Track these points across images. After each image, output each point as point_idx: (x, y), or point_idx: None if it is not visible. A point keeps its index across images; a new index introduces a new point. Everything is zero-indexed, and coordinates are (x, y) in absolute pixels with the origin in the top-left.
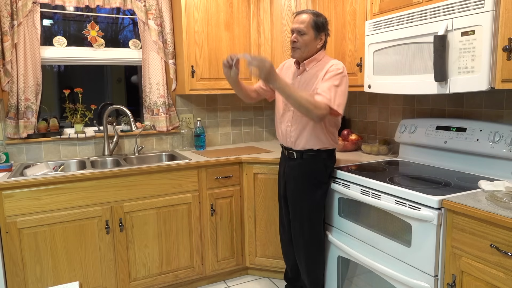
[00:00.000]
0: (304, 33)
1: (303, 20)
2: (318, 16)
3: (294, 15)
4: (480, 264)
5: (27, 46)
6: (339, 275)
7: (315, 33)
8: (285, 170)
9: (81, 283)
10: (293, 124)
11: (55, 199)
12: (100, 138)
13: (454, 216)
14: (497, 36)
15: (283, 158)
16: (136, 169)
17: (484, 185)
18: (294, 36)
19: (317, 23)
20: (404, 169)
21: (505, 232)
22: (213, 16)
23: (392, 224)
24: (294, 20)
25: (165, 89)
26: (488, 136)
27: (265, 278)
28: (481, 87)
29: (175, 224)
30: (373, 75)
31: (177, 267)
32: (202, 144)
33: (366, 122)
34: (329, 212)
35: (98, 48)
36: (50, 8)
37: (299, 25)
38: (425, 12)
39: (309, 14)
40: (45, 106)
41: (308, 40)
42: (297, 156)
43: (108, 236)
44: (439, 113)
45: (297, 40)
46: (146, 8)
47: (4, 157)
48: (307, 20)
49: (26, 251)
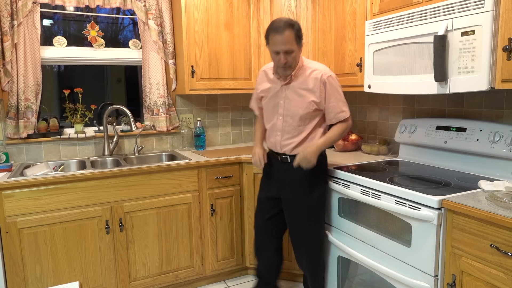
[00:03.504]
0: (292, 51)
1: (287, 39)
2: (295, 24)
3: (272, 33)
4: (480, 264)
5: (27, 46)
6: (339, 275)
7: (299, 44)
8: (279, 175)
9: (81, 283)
10: (286, 133)
11: (55, 199)
12: (100, 138)
13: (454, 216)
14: (497, 36)
15: (275, 163)
16: (136, 169)
17: (484, 185)
18: (282, 57)
19: (298, 33)
20: (404, 169)
21: (505, 232)
22: (213, 16)
23: (392, 224)
24: (276, 40)
25: (165, 89)
26: (488, 136)
27: None
28: (481, 87)
29: (175, 224)
30: (373, 75)
31: (177, 267)
32: (202, 144)
33: (366, 122)
34: (329, 212)
35: (98, 48)
36: (50, 8)
37: (285, 46)
38: (425, 12)
39: (289, 29)
40: (45, 106)
41: (296, 55)
42: (292, 160)
43: (108, 236)
44: (439, 113)
45: (287, 60)
46: (146, 8)
47: (4, 157)
48: (291, 37)
49: (26, 251)
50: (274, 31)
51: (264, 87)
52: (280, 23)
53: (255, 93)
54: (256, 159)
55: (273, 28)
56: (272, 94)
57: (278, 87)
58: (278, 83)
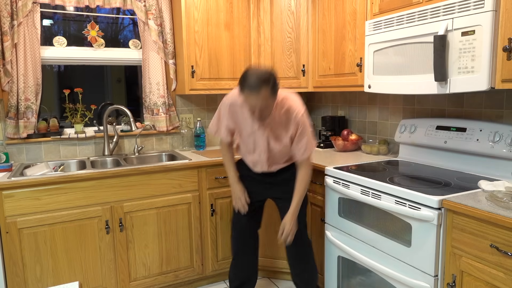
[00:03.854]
0: (268, 106)
1: (263, 97)
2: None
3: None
4: (480, 264)
5: (27, 46)
6: (339, 275)
7: (275, 95)
8: (265, 180)
9: (81, 283)
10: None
11: (55, 199)
12: (100, 138)
13: (454, 216)
14: (497, 36)
15: (256, 175)
16: (136, 169)
17: (484, 185)
18: (257, 112)
19: (274, 87)
20: (404, 169)
21: (505, 232)
22: (213, 16)
23: (392, 224)
24: (251, 99)
25: (165, 89)
26: (488, 136)
27: (265, 278)
28: (481, 87)
29: (175, 224)
30: (373, 75)
31: (177, 267)
32: (202, 144)
33: (366, 122)
34: (329, 212)
35: (98, 48)
36: (50, 8)
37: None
38: (425, 12)
39: (265, 87)
40: (45, 106)
41: (271, 105)
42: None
43: (108, 236)
44: (439, 113)
45: (263, 112)
46: (146, 8)
47: (4, 157)
48: (267, 94)
49: (26, 251)
50: (248, 89)
51: (237, 122)
52: (256, 81)
53: (224, 125)
54: (240, 205)
55: (247, 85)
56: (250, 133)
57: (255, 127)
58: (252, 121)
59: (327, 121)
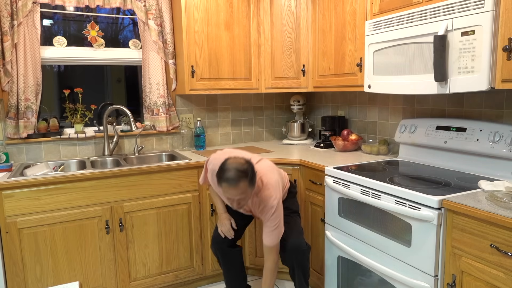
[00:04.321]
0: (246, 196)
1: (241, 190)
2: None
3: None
4: (480, 264)
5: (27, 46)
6: (339, 275)
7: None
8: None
9: (81, 283)
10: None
11: (55, 199)
12: (100, 138)
13: (454, 216)
14: (497, 36)
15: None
16: (136, 169)
17: (484, 185)
18: (236, 202)
19: (252, 179)
20: (404, 169)
21: (505, 232)
22: (213, 16)
23: (392, 224)
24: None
25: (165, 89)
26: (488, 136)
27: None
28: (481, 87)
29: (175, 224)
30: (373, 75)
31: (177, 267)
32: (202, 144)
33: (366, 122)
34: (329, 212)
35: (98, 48)
36: (50, 8)
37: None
38: (425, 12)
39: (243, 181)
40: (45, 106)
41: (250, 194)
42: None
43: (108, 236)
44: (439, 113)
45: (241, 203)
46: (146, 8)
47: (4, 157)
48: (245, 187)
49: (26, 251)
50: (226, 182)
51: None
52: (234, 174)
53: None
54: (226, 230)
55: (224, 179)
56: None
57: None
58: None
59: (327, 121)
